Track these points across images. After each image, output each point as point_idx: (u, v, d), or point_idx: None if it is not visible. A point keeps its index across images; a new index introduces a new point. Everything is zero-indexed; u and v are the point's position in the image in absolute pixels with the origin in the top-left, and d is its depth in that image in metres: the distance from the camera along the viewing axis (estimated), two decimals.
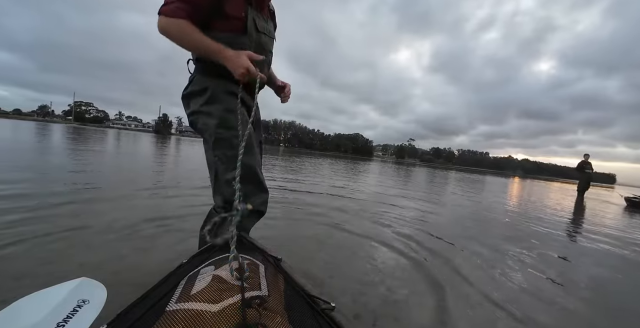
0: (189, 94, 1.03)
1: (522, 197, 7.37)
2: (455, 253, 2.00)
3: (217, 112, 0.97)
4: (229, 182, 0.94)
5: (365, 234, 2.23)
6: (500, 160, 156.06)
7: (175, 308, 0.49)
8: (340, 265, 1.61)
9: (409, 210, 3.54)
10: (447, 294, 1.38)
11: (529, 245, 2.43)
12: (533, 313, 1.30)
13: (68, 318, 0.59)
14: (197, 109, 1.00)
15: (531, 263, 1.98)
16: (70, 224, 1.76)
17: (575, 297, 1.53)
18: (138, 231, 1.79)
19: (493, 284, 1.56)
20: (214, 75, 0.98)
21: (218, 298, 0.51)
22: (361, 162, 22.50)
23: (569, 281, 1.74)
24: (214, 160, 0.99)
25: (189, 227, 1.90)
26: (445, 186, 8.45)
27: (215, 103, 0.98)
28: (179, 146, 14.87)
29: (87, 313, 0.62)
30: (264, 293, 0.55)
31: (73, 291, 0.67)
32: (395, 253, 1.88)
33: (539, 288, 1.57)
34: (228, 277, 0.58)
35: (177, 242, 1.68)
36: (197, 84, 1.00)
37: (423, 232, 2.49)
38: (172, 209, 2.36)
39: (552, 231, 3.17)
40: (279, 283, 0.65)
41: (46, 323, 0.57)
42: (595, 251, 2.52)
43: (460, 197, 5.72)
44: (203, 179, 3.96)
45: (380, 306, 1.23)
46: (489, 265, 1.86)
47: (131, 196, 2.69)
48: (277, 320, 0.48)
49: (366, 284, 1.41)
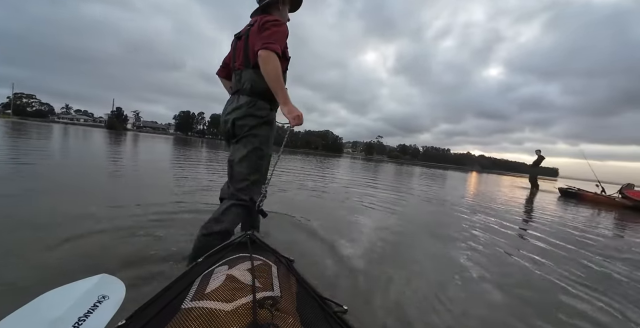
0: (254, 114, 1.33)
1: (477, 187, 8.07)
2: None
3: (268, 132, 1.38)
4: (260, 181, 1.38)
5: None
6: (460, 156, 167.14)
7: (190, 306, 0.50)
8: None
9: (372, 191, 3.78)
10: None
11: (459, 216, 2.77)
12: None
13: (89, 313, 0.62)
14: (260, 123, 1.34)
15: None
16: None
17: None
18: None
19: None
20: (273, 107, 1.39)
21: (231, 298, 0.51)
22: (331, 159, 22.79)
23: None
24: (258, 164, 1.37)
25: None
26: (413, 179, 8.96)
27: (270, 125, 1.39)
28: (136, 144, 12.60)
29: (107, 309, 0.65)
30: (277, 294, 0.56)
31: (94, 287, 0.69)
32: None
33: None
34: (241, 276, 0.59)
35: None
36: (262, 109, 1.34)
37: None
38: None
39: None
40: (291, 284, 0.65)
41: (68, 316, 0.60)
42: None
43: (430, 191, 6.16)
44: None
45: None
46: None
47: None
48: (289, 322, 0.48)
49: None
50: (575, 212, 5.15)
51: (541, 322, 1.23)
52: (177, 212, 2.22)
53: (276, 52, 1.18)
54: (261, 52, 1.17)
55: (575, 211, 5.25)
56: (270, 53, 1.17)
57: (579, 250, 2.38)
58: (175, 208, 2.32)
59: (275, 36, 1.21)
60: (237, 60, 1.38)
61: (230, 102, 1.40)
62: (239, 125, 1.33)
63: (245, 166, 1.34)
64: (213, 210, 1.46)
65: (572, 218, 4.27)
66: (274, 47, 1.18)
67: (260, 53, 1.17)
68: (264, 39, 1.20)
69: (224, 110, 1.42)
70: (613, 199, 7.01)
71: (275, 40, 1.20)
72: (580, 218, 4.39)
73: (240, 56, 1.35)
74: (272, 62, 1.17)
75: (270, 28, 1.23)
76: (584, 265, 2.02)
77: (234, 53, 1.42)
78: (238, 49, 1.38)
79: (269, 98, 1.34)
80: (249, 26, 1.33)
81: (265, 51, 1.17)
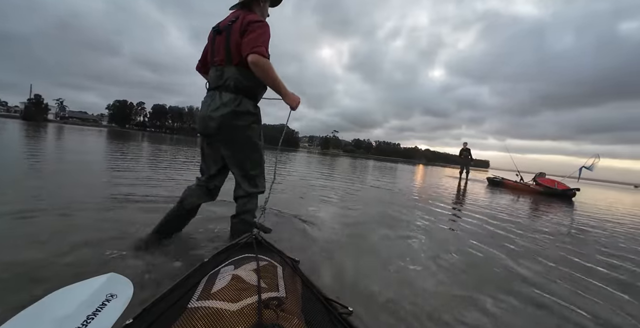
0: (243, 112, 1.36)
1: (423, 178, 8.92)
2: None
3: (259, 129, 1.47)
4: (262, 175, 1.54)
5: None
6: (409, 150, 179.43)
7: (196, 306, 0.51)
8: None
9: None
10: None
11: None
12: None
13: (97, 311, 0.63)
14: (250, 123, 1.40)
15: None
16: None
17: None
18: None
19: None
20: (257, 103, 1.46)
21: (237, 298, 0.51)
22: (287, 154, 22.62)
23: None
24: (259, 159, 1.49)
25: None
26: (367, 171, 9.49)
27: (259, 123, 1.47)
28: (58, 137, 10.15)
29: (115, 307, 0.66)
30: (282, 295, 0.56)
31: (102, 286, 0.70)
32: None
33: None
34: (247, 277, 0.59)
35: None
36: (249, 106, 1.39)
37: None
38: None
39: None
40: (297, 285, 0.66)
41: (78, 314, 0.61)
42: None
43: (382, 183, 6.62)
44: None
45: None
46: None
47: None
48: (294, 322, 0.48)
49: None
50: (499, 197, 6.06)
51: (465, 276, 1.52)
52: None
53: (264, 55, 1.23)
54: (251, 57, 1.21)
55: (499, 197, 6.18)
56: (261, 58, 1.22)
57: (500, 224, 2.89)
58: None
59: (262, 38, 1.25)
60: (217, 55, 1.37)
61: (211, 98, 1.37)
62: (229, 125, 1.34)
63: (248, 164, 1.45)
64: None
65: (495, 201, 5.06)
66: (262, 50, 1.23)
67: (251, 59, 1.21)
68: (251, 43, 1.23)
69: (204, 106, 1.39)
70: (529, 186, 8.37)
71: (262, 43, 1.25)
72: (502, 202, 5.22)
73: (222, 52, 1.35)
74: (265, 66, 1.23)
75: (256, 30, 1.26)
76: (504, 236, 2.47)
77: (213, 47, 1.40)
78: (218, 43, 1.36)
79: (254, 95, 1.40)
80: (230, 22, 1.33)
81: (256, 56, 1.21)
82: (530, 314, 1.22)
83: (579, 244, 2.54)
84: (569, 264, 1.93)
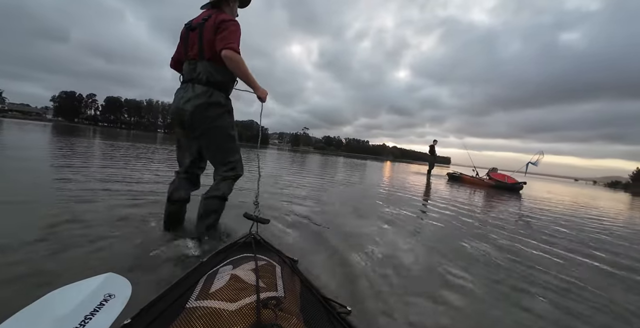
0: (214, 103, 1.44)
1: (390, 174, 9.36)
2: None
3: (231, 119, 1.54)
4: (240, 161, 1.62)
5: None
6: (377, 147, 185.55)
7: (194, 306, 0.51)
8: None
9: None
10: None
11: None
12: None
13: (95, 311, 0.63)
14: (221, 113, 1.47)
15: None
16: None
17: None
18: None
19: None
20: (228, 96, 1.54)
21: (235, 298, 0.51)
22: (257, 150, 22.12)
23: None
24: (234, 147, 1.57)
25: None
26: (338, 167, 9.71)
27: (231, 113, 1.54)
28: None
29: (113, 307, 0.65)
30: (280, 295, 0.56)
31: (100, 286, 0.69)
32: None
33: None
34: (245, 276, 0.59)
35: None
36: (220, 98, 1.47)
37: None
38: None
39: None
40: (295, 284, 0.65)
41: (75, 315, 0.60)
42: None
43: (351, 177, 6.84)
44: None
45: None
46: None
47: None
48: (293, 322, 0.48)
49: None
50: (457, 190, 6.60)
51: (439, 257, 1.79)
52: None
53: (237, 51, 1.34)
54: (225, 52, 1.31)
55: (457, 190, 6.72)
56: (234, 53, 1.32)
57: (456, 211, 3.21)
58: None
59: (234, 36, 1.36)
60: (191, 50, 1.46)
61: (184, 90, 1.45)
62: (202, 116, 1.41)
63: (223, 153, 1.54)
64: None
65: (454, 194, 5.53)
66: (235, 46, 1.34)
67: (225, 53, 1.31)
68: (225, 40, 1.33)
69: (177, 98, 1.47)
70: (483, 180, 9.17)
71: (234, 40, 1.35)
72: (461, 194, 5.73)
73: (195, 47, 1.44)
74: (237, 60, 1.33)
75: (229, 28, 1.37)
76: (461, 220, 2.76)
77: (186, 43, 1.48)
78: (192, 39, 1.45)
79: (225, 88, 1.50)
80: (202, 20, 1.42)
81: (229, 51, 1.31)
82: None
83: (515, 223, 3.09)
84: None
